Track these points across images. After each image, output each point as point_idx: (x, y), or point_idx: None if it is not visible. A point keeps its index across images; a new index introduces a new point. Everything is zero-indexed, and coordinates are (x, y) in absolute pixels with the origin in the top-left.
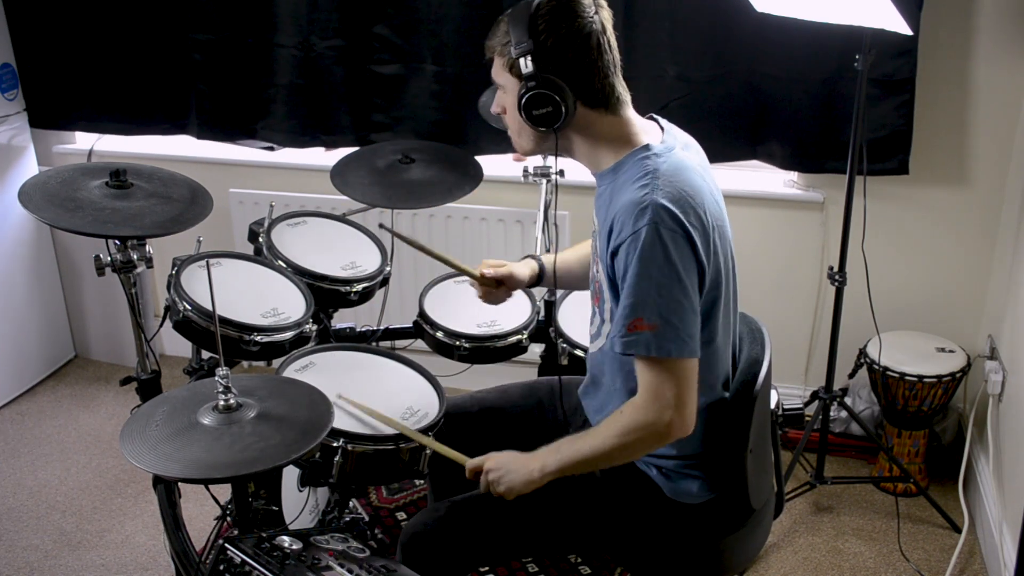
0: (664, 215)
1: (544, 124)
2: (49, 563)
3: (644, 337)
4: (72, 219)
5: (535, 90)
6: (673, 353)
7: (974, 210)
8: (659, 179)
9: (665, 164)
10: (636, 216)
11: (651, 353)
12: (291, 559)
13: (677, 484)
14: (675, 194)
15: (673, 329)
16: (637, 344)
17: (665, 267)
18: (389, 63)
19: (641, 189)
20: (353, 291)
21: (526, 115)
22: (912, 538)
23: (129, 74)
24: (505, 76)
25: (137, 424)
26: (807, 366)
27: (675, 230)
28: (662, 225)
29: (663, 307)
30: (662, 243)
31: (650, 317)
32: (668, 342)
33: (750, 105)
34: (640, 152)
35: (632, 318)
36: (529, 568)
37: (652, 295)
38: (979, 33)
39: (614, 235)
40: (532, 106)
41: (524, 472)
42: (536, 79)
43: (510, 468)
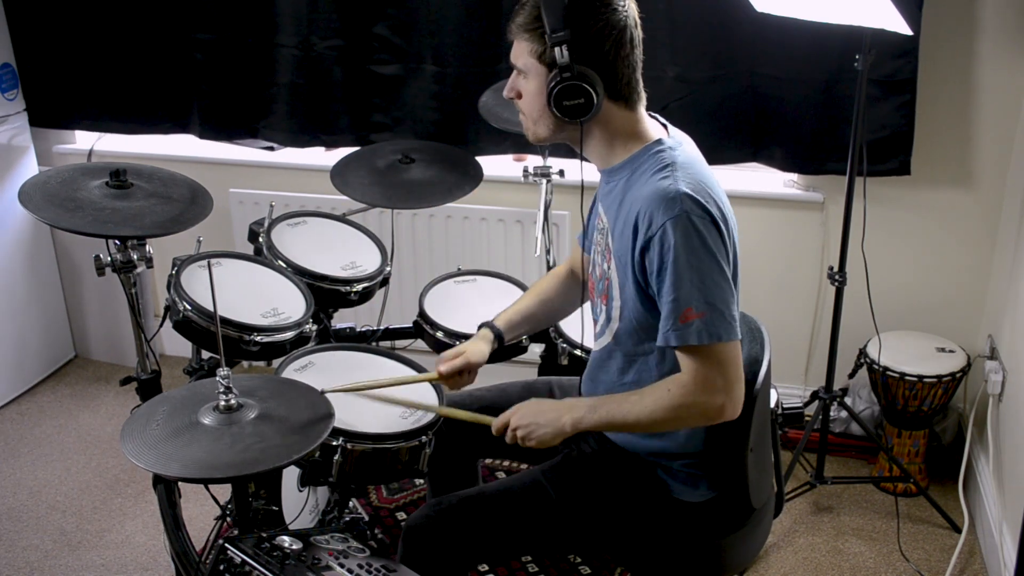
0: (692, 204)
1: (572, 115)
2: (49, 563)
3: (695, 326)
4: (72, 219)
5: (569, 81)
6: (723, 337)
7: (974, 210)
8: (678, 170)
9: (680, 157)
10: (665, 207)
11: (703, 341)
12: (291, 559)
13: (679, 483)
14: (695, 184)
15: (719, 313)
16: (690, 334)
17: (703, 254)
18: (389, 63)
19: (663, 180)
20: (353, 291)
21: (555, 105)
22: (912, 538)
23: (130, 74)
24: (530, 61)
25: (137, 423)
26: (807, 366)
27: (704, 216)
28: (693, 214)
29: (708, 293)
30: (696, 231)
31: (698, 306)
32: (717, 327)
33: (750, 106)
34: (654, 146)
35: (682, 310)
36: (529, 568)
37: (696, 283)
38: (980, 33)
39: (642, 229)
40: (564, 97)
41: (556, 426)
42: (571, 70)
43: (539, 421)
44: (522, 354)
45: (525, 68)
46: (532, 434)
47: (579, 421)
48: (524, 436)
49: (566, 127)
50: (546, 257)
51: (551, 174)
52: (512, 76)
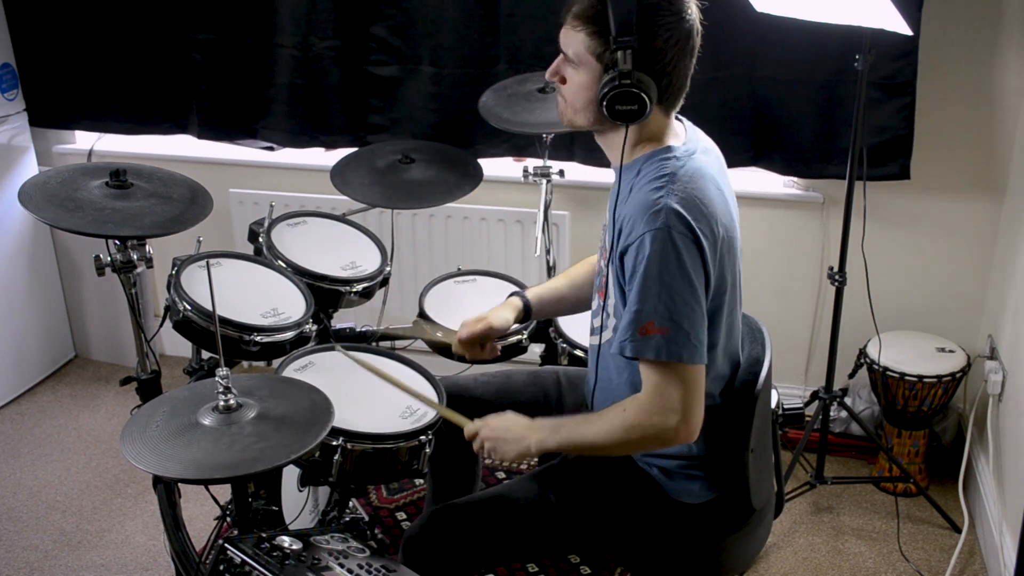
0: (676, 220)
1: (622, 119)
2: (49, 563)
3: (655, 341)
4: (72, 219)
5: (627, 88)
6: (684, 358)
7: (974, 210)
8: (675, 183)
9: (683, 168)
10: (648, 218)
11: (661, 357)
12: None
13: (679, 484)
14: (688, 200)
15: (684, 334)
16: (647, 348)
17: (677, 271)
18: (386, 64)
19: (655, 191)
20: (353, 291)
21: (607, 107)
22: (912, 538)
23: (129, 74)
24: (585, 56)
25: (137, 424)
26: (807, 366)
27: (686, 235)
28: (674, 229)
29: (674, 311)
30: (675, 247)
31: (661, 321)
32: (678, 347)
33: (749, 109)
34: (661, 153)
35: (643, 322)
36: (529, 568)
37: (664, 299)
38: (981, 35)
39: (624, 234)
40: (618, 101)
41: (520, 444)
42: (631, 77)
43: (505, 437)
44: (522, 354)
45: (577, 59)
46: (497, 449)
47: (542, 442)
48: (489, 449)
49: (606, 123)
50: (546, 257)
51: (551, 174)
52: (558, 60)
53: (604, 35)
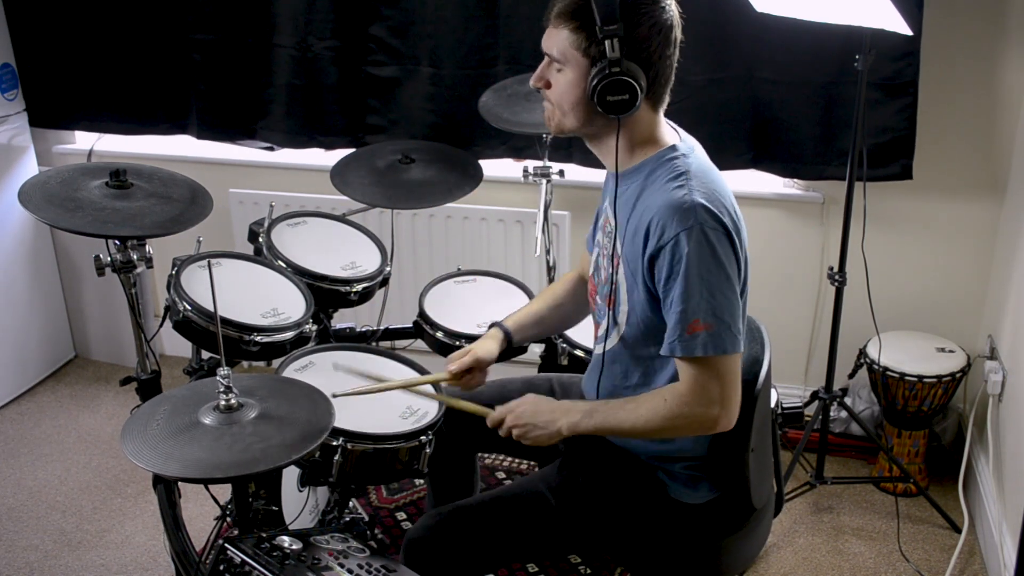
0: (706, 215)
1: (613, 111)
2: (49, 563)
3: (702, 338)
4: (72, 219)
5: (617, 76)
6: (728, 350)
7: (974, 210)
8: (692, 179)
9: (694, 164)
10: (679, 218)
11: (708, 353)
12: (291, 559)
13: (680, 485)
14: (709, 194)
15: (726, 326)
16: (696, 346)
17: (714, 266)
18: (385, 65)
19: (678, 189)
20: (353, 291)
21: (599, 99)
22: (912, 538)
23: (129, 74)
24: (570, 52)
25: (138, 423)
26: (807, 366)
27: (717, 228)
28: (706, 225)
29: (716, 306)
30: (709, 243)
31: (705, 318)
32: (724, 340)
33: (749, 110)
34: (668, 152)
35: (689, 321)
36: (529, 568)
37: (706, 296)
38: (982, 35)
39: (653, 238)
40: (609, 92)
41: (552, 428)
42: (619, 64)
43: (535, 421)
44: (522, 354)
45: (563, 58)
46: (528, 434)
47: (575, 426)
48: (520, 435)
49: (596, 122)
50: (546, 257)
51: (551, 174)
52: (542, 65)
53: (588, 28)
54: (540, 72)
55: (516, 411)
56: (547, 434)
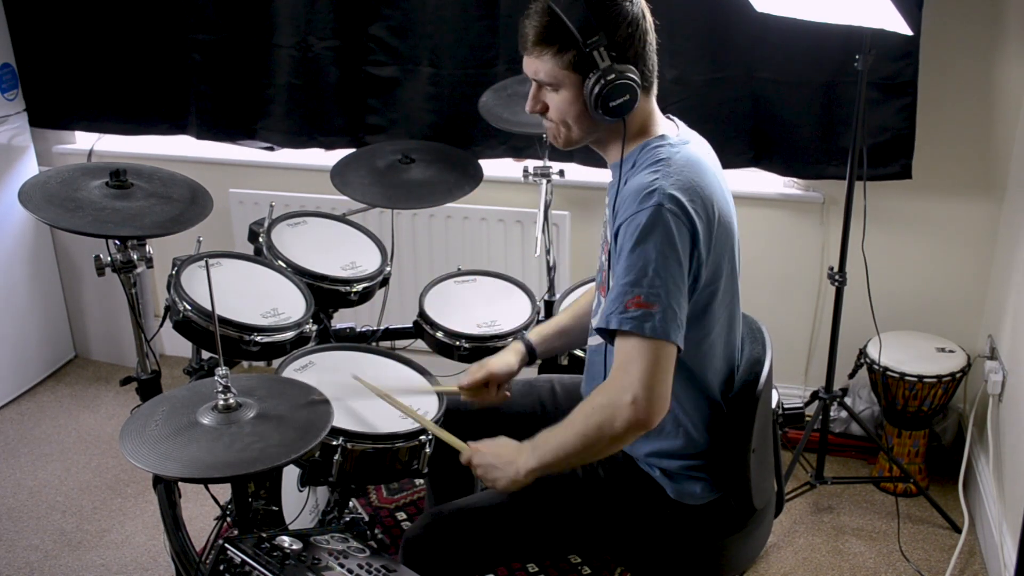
0: (669, 199)
1: (618, 114)
2: (49, 563)
3: (639, 315)
4: (72, 219)
5: (615, 81)
6: (660, 334)
7: (975, 210)
8: (670, 166)
9: (679, 153)
10: (642, 198)
11: (643, 332)
12: (291, 559)
13: (681, 485)
14: (684, 183)
15: (670, 312)
16: (632, 321)
17: (666, 248)
18: (385, 65)
19: (651, 175)
20: (353, 291)
21: (602, 108)
22: (912, 538)
23: (129, 74)
24: (560, 72)
25: (137, 424)
26: (807, 366)
27: (679, 215)
28: (666, 207)
29: (661, 288)
30: (665, 225)
31: (648, 297)
32: (662, 324)
33: (749, 110)
34: (655, 141)
35: (631, 295)
36: (529, 568)
37: (651, 275)
38: (982, 35)
39: (618, 215)
40: (610, 99)
41: (510, 473)
42: (613, 71)
43: (496, 464)
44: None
45: (554, 80)
46: (488, 475)
47: (526, 464)
48: (482, 476)
49: (601, 127)
50: (546, 257)
51: (551, 174)
52: (534, 91)
53: (570, 46)
54: (534, 99)
55: (481, 450)
56: (506, 478)
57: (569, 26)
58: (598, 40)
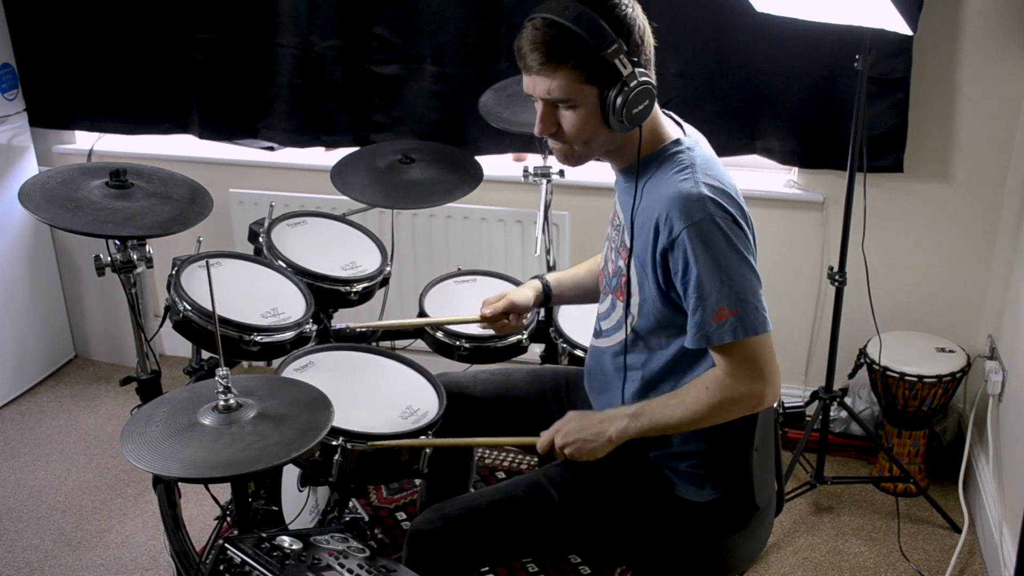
0: (713, 206)
1: (639, 121)
2: (49, 563)
3: (729, 324)
4: (72, 219)
5: (637, 88)
6: (758, 330)
7: (974, 210)
8: (698, 171)
9: (699, 157)
10: (688, 211)
11: (738, 337)
12: (291, 559)
13: (685, 484)
14: (715, 184)
15: (752, 308)
16: (726, 332)
17: (728, 251)
18: (388, 63)
19: (684, 182)
20: (353, 291)
21: (627, 116)
22: (912, 538)
23: (130, 74)
24: (576, 87)
25: (137, 424)
26: (807, 366)
27: (726, 216)
28: (715, 215)
29: (738, 290)
30: (720, 231)
31: (730, 303)
32: (752, 322)
33: (750, 101)
34: (673, 146)
35: (715, 310)
36: (529, 568)
37: (726, 282)
38: (974, 32)
39: (663, 231)
40: (633, 105)
41: (601, 440)
42: (635, 77)
43: (585, 436)
44: (522, 354)
45: (569, 97)
46: (582, 449)
47: (624, 431)
48: (573, 453)
49: (618, 138)
50: (546, 257)
51: (551, 174)
52: (543, 112)
53: (587, 59)
54: (544, 120)
55: (563, 430)
56: (598, 445)
57: (585, 38)
58: (617, 48)
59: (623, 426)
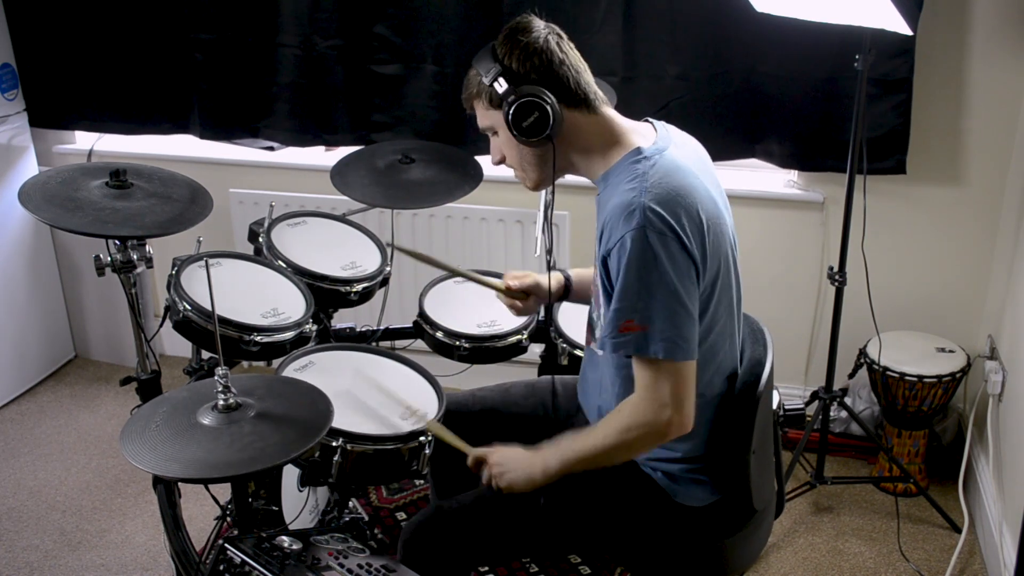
0: (652, 217)
1: (536, 133)
2: (49, 563)
3: (635, 337)
4: (72, 219)
5: (517, 101)
6: (661, 354)
7: (974, 210)
8: (648, 180)
9: (655, 166)
10: (624, 220)
11: (641, 353)
12: (291, 559)
13: (683, 488)
14: (663, 195)
15: (661, 331)
16: (627, 344)
17: (654, 270)
18: (389, 63)
19: (629, 192)
20: (353, 291)
21: (518, 131)
22: (912, 538)
23: (130, 74)
24: (489, 114)
25: (137, 424)
26: (807, 366)
27: (664, 232)
28: (650, 228)
29: (653, 309)
30: (651, 246)
31: (640, 318)
32: (656, 343)
33: (749, 104)
34: (631, 156)
35: (623, 319)
36: (529, 568)
37: (642, 296)
38: (975, 32)
39: (604, 240)
40: (520, 118)
41: (526, 471)
42: (514, 92)
43: (512, 466)
44: (522, 354)
45: (490, 124)
46: (504, 476)
47: (547, 467)
48: (497, 475)
49: (548, 156)
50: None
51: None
52: (491, 144)
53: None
54: (493, 149)
55: (497, 453)
56: (523, 478)
57: (478, 70)
58: (494, 71)
59: (545, 462)
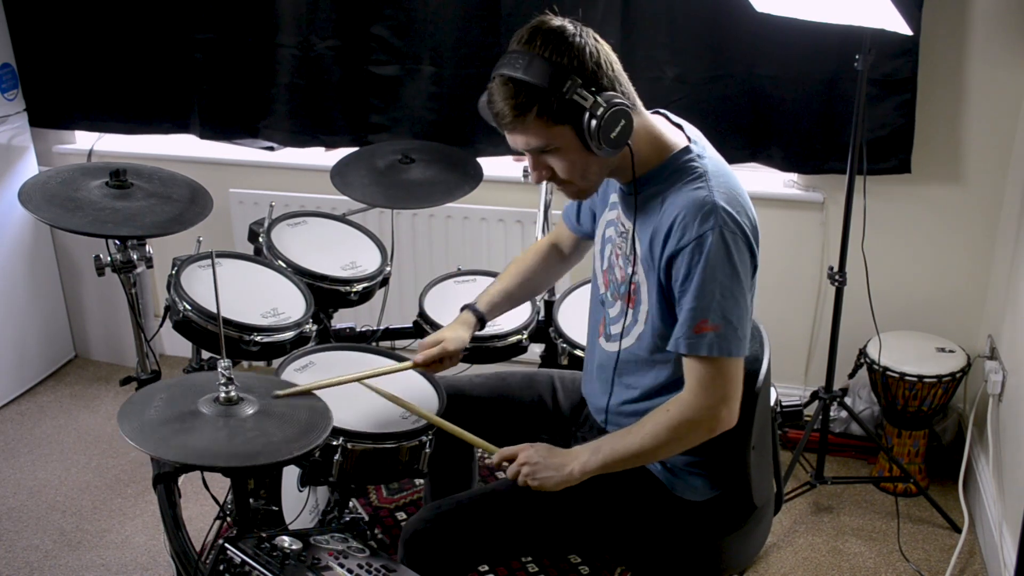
0: (726, 218)
1: (621, 143)
2: (49, 563)
3: (708, 338)
4: (72, 219)
5: (607, 112)
6: (733, 353)
7: (974, 210)
8: (711, 180)
9: (711, 165)
10: (701, 219)
11: (713, 353)
12: (291, 559)
13: (683, 481)
14: (729, 195)
15: (733, 330)
16: (701, 345)
17: (729, 269)
18: (387, 64)
19: (698, 191)
20: (353, 291)
21: (606, 142)
22: (912, 538)
23: (130, 74)
24: (551, 131)
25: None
26: (807, 366)
27: (736, 232)
28: (726, 228)
29: (726, 308)
30: (726, 246)
31: (714, 318)
32: (729, 343)
33: (749, 106)
34: (683, 154)
35: (698, 320)
36: (529, 568)
37: (717, 297)
38: (975, 32)
39: (674, 237)
40: (609, 130)
41: (562, 473)
42: (600, 104)
43: (546, 465)
44: (522, 354)
45: (548, 142)
46: (537, 474)
47: (585, 465)
48: (528, 474)
49: (612, 162)
50: None
51: None
52: (533, 162)
53: (548, 103)
54: (536, 169)
55: (529, 450)
56: (558, 477)
57: (539, 85)
58: (572, 84)
59: (583, 461)
